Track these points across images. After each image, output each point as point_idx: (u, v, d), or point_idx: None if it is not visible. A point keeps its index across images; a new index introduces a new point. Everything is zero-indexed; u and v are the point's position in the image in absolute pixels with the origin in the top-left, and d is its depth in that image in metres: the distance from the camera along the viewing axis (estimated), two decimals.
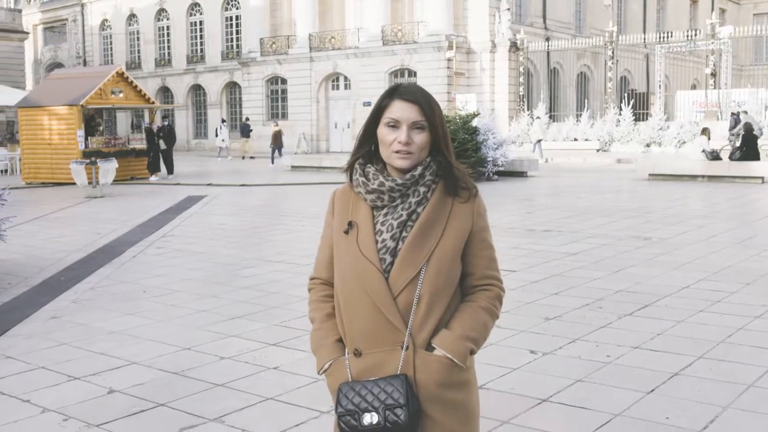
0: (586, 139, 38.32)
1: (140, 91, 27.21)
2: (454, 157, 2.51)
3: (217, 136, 41.48)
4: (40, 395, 5.37)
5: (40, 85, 28.55)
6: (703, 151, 21.48)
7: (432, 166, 2.46)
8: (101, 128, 27.53)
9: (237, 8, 53.25)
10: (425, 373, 2.39)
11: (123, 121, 54.72)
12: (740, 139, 21.65)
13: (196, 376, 5.68)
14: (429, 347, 2.40)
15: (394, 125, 2.41)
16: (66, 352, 6.41)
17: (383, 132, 2.44)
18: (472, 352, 2.46)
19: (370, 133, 2.49)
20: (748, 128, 21.60)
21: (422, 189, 2.45)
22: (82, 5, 63.61)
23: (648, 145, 36.47)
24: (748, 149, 21.02)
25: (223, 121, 42.43)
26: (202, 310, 7.78)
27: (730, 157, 21.49)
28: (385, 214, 2.46)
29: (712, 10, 62.46)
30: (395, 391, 2.33)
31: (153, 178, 25.84)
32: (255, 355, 6.15)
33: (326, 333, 2.53)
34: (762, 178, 20.24)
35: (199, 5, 55.39)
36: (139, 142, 26.95)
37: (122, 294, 8.61)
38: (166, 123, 27.66)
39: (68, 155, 23.72)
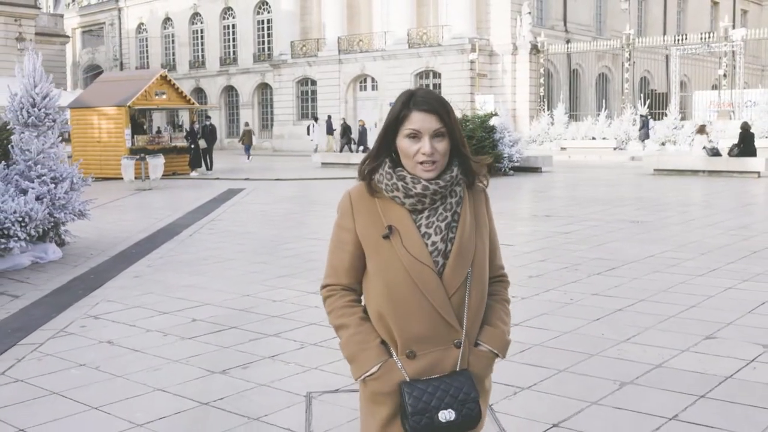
0: (604, 138, 39.87)
1: (181, 92, 29.27)
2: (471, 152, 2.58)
3: (309, 134, 42.65)
4: (141, 322, 7.24)
5: (90, 88, 30.60)
6: (704, 147, 23.09)
7: (459, 166, 2.52)
8: (145, 127, 29.53)
9: (268, 12, 55.29)
10: (477, 367, 2.49)
11: (158, 121, 56.95)
12: (738, 137, 23.23)
13: (257, 311, 7.53)
14: (475, 343, 2.52)
15: (415, 136, 2.44)
16: (152, 297, 8.28)
17: (405, 144, 2.45)
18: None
19: (389, 141, 2.51)
20: (746, 126, 23.21)
21: (458, 188, 2.51)
22: (119, 9, 65.94)
23: (663, 144, 37.94)
24: (745, 146, 22.60)
25: (316, 119, 43.36)
26: (254, 272, 9.63)
27: (729, 154, 23.09)
28: (428, 217, 2.47)
29: (734, 11, 63.71)
30: (466, 385, 2.41)
31: (194, 174, 27.83)
32: (299, 299, 7.97)
33: (366, 336, 2.50)
34: (758, 172, 21.79)
35: (232, 9, 57.51)
36: (180, 141, 28.92)
37: (187, 261, 10.50)
38: (208, 123, 29.64)
39: (116, 152, 25.75)
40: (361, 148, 38.05)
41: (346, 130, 40.40)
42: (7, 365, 6.01)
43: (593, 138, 40.46)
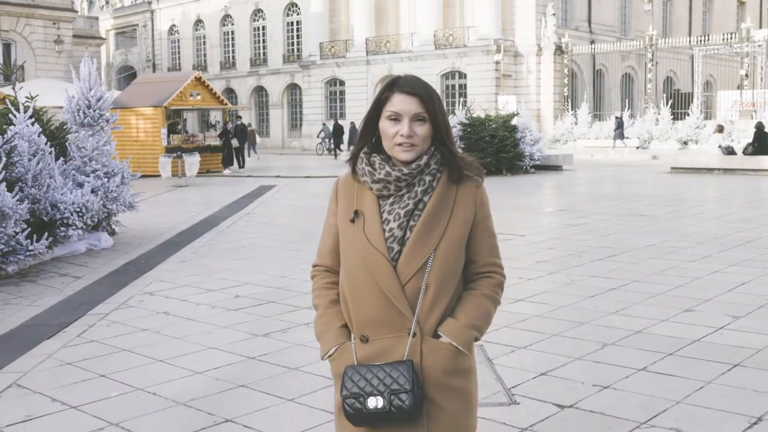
0: (627, 137, 40.50)
1: (215, 93, 30.45)
2: (455, 145, 2.57)
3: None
4: (191, 298, 8.26)
5: (128, 89, 31.85)
6: (720, 146, 23.83)
7: (436, 156, 2.51)
8: (179, 127, 30.74)
9: (298, 14, 56.45)
10: (432, 360, 2.44)
11: (190, 120, 58.29)
12: (752, 136, 24.00)
13: (292, 289, 8.52)
14: (435, 335, 2.47)
15: (396, 118, 2.45)
16: (198, 278, 9.30)
17: (385, 125, 2.47)
18: (476, 340, 2.52)
19: (372, 124, 2.53)
20: (760, 126, 23.92)
21: (428, 178, 2.49)
22: (152, 11, 67.37)
23: (685, 143, 38.58)
24: (759, 145, 23.34)
25: None
26: (288, 257, 10.64)
27: (744, 152, 23.83)
28: (392, 203, 2.50)
29: (760, 11, 63.90)
30: (401, 376, 2.38)
31: (226, 171, 28.97)
32: None
33: (330, 319, 2.58)
34: None
35: (262, 11, 58.73)
36: (214, 140, 30.07)
37: (227, 249, 11.53)
38: (239, 122, 30.78)
39: (153, 151, 26.93)
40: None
41: (336, 130, 41.44)
42: (81, 330, 7.05)
43: None
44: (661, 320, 6.89)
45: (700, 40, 43.88)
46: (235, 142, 29.51)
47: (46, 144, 10.76)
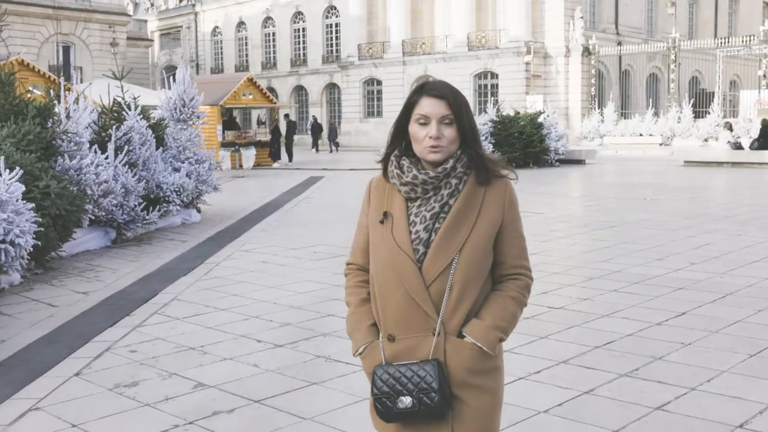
0: (650, 135, 42.56)
1: (265, 93, 33.03)
2: (483, 147, 2.62)
3: None
4: (279, 252, 10.73)
5: None
6: (728, 142, 25.98)
7: (463, 158, 2.56)
8: (237, 120, 33.35)
9: (337, 16, 59.04)
10: (455, 359, 2.52)
11: (238, 118, 60.96)
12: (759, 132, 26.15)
13: None
14: (460, 334, 2.53)
15: (425, 122, 2.51)
16: (281, 241, 11.78)
17: (414, 129, 2.54)
18: (501, 341, 2.56)
19: (402, 127, 2.60)
20: (765, 123, 26.01)
21: (454, 181, 2.55)
22: (196, 14, 70.22)
23: (706, 140, 40.52)
24: (765, 140, 25.45)
25: None
26: (350, 228, 12.87)
27: (750, 147, 25.96)
28: (419, 206, 2.56)
29: None
30: (428, 375, 2.46)
31: (276, 165, 31.55)
32: None
33: (361, 317, 2.66)
34: None
35: (303, 13, 61.35)
36: (264, 136, 32.68)
37: (296, 222, 14.03)
38: (286, 120, 33.40)
39: (210, 146, 29.42)
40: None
41: (314, 128, 44.34)
42: (204, 271, 9.55)
43: (640, 134, 43.17)
44: (636, 265, 9.25)
45: (722, 42, 45.81)
46: (283, 139, 32.12)
47: (150, 136, 13.29)
